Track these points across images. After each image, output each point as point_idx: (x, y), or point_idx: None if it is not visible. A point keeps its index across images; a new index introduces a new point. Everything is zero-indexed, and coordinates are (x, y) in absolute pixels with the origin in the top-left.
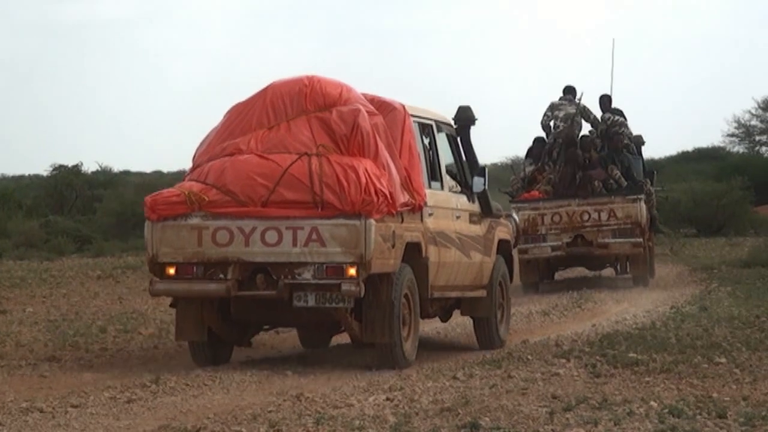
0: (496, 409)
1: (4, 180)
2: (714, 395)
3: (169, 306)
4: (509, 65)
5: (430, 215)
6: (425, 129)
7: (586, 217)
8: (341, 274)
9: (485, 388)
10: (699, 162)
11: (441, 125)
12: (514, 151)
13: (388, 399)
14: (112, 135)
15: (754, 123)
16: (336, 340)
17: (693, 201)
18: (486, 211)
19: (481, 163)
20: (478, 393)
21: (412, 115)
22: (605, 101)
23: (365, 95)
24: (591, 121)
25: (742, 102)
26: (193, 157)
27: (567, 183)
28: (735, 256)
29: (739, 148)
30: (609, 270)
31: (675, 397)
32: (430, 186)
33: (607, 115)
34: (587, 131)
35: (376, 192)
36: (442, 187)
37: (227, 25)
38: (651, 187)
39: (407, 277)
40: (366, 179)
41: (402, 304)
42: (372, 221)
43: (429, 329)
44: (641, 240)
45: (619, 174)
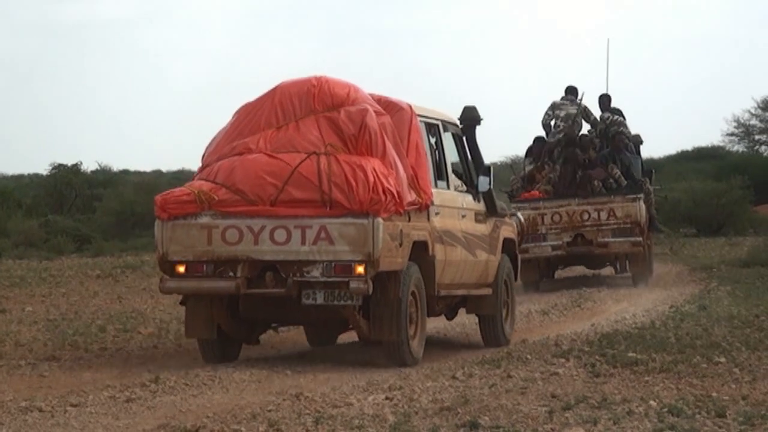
0: (495, 409)
1: (3, 179)
2: (713, 394)
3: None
4: (509, 65)
5: (436, 214)
6: (431, 129)
7: (586, 217)
8: (349, 272)
9: (484, 387)
10: (698, 161)
11: (447, 125)
12: (513, 151)
13: (387, 398)
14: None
15: (753, 122)
16: (341, 338)
17: (692, 200)
18: (491, 211)
19: (486, 163)
20: (477, 392)
21: (418, 115)
22: (605, 101)
23: (372, 95)
24: (591, 122)
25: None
26: (203, 157)
27: (567, 183)
28: (734, 255)
29: (739, 147)
30: (608, 269)
31: (674, 397)
32: (436, 185)
33: (606, 115)
34: (586, 131)
35: (383, 191)
36: (448, 187)
37: (227, 25)
38: (650, 186)
39: (414, 276)
40: (374, 178)
41: (409, 302)
42: (380, 220)
43: (428, 329)
44: (641, 239)
45: (619, 173)
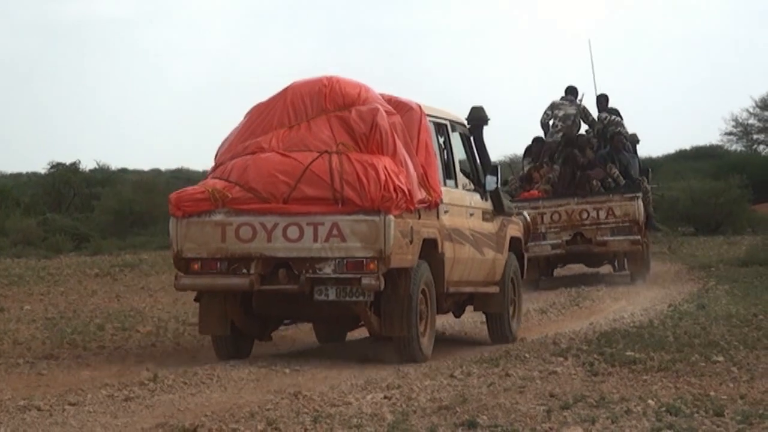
0: (493, 408)
1: (2, 177)
2: (711, 393)
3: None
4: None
5: (445, 212)
6: (440, 128)
7: (585, 216)
8: (361, 268)
9: (483, 386)
10: (697, 160)
11: (455, 125)
12: (513, 150)
13: (385, 397)
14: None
15: (752, 122)
16: (350, 336)
17: (691, 199)
18: (498, 209)
19: (494, 162)
20: (475, 391)
21: (427, 115)
22: (602, 101)
23: (383, 95)
24: (589, 122)
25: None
26: (216, 156)
27: (566, 182)
28: (733, 254)
29: (737, 146)
30: (606, 267)
31: (672, 396)
32: (445, 184)
33: (604, 115)
34: (584, 131)
35: (394, 189)
36: (456, 185)
37: (227, 25)
38: (647, 185)
39: (425, 273)
40: (385, 176)
41: (419, 299)
42: (391, 217)
43: None
44: (639, 237)
45: (618, 173)
